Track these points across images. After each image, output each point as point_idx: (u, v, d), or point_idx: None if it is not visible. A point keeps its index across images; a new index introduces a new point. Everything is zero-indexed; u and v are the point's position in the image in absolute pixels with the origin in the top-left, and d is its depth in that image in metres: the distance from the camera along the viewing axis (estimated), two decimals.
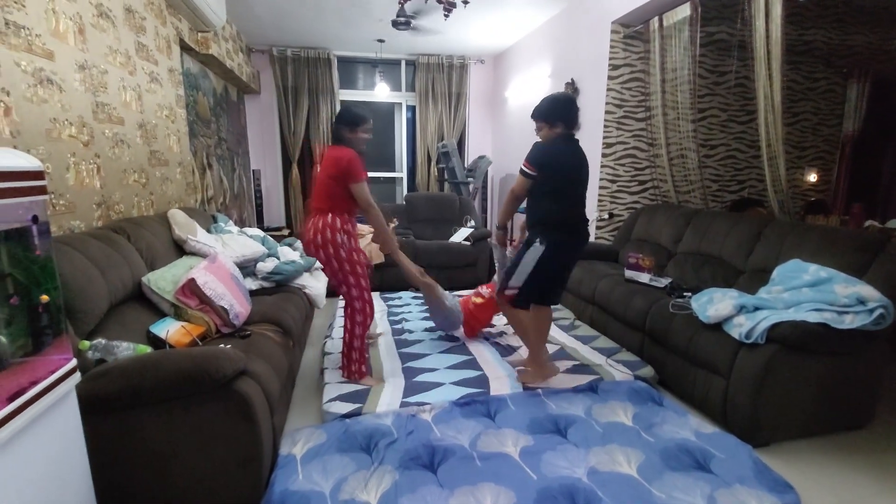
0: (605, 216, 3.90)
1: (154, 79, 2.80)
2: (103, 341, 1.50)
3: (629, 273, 2.98)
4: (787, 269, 2.23)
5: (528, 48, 5.08)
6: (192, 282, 1.99)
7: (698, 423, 2.02)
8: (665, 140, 3.53)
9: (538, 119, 2.20)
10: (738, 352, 1.97)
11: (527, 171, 2.14)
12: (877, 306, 1.84)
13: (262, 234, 3.16)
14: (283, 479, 1.61)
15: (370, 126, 2.27)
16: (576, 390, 2.26)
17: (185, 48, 3.39)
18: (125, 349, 1.52)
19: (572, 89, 4.07)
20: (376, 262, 2.74)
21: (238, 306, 2.11)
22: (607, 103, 3.66)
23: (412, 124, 6.18)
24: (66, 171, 1.93)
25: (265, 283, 2.71)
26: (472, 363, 2.53)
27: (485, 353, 2.66)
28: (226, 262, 2.35)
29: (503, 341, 2.86)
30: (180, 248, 2.43)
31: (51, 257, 1.06)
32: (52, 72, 1.85)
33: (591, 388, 2.27)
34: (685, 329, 2.26)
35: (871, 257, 2.09)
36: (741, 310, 2.08)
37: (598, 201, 3.84)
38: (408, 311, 3.47)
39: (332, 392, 2.19)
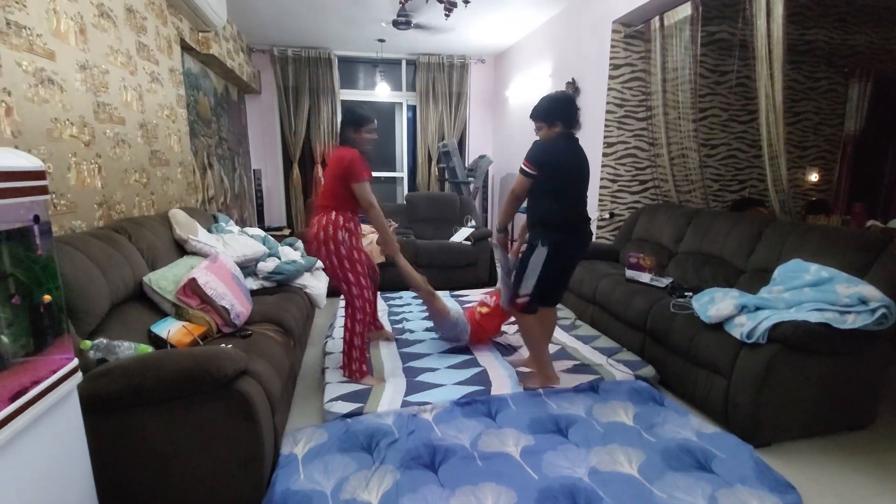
0: (606, 216, 3.89)
1: (155, 79, 2.80)
2: (105, 341, 1.50)
3: (630, 273, 2.97)
4: (789, 268, 2.23)
5: (528, 48, 5.07)
6: (193, 281, 1.99)
7: (699, 423, 2.01)
8: (666, 140, 3.53)
9: (537, 119, 2.19)
10: (739, 352, 1.97)
11: (527, 171, 2.11)
12: (879, 306, 1.84)
13: (262, 233, 3.16)
14: (284, 478, 1.61)
15: (374, 126, 2.29)
16: (577, 390, 2.26)
17: (185, 48, 3.40)
18: (126, 349, 1.52)
19: (573, 89, 4.07)
20: (377, 261, 2.74)
21: (239, 306, 2.11)
22: (608, 103, 3.66)
23: (413, 124, 6.18)
24: (68, 171, 1.93)
25: (266, 283, 2.72)
26: (472, 363, 2.53)
27: (485, 353, 2.66)
28: (227, 261, 2.35)
29: (503, 341, 2.86)
30: (181, 248, 2.43)
31: (52, 257, 1.06)
32: (54, 72, 1.86)
33: (591, 388, 2.27)
34: (686, 329, 2.26)
35: (873, 257, 2.09)
36: (742, 309, 2.07)
37: (599, 201, 3.84)
38: (408, 311, 3.47)
39: (333, 392, 2.19)
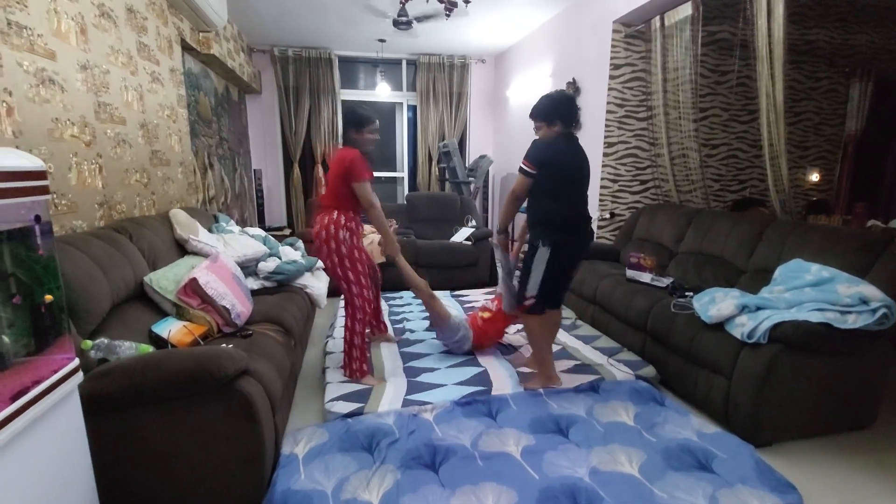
0: (607, 216, 3.89)
1: (156, 79, 2.81)
2: (105, 341, 1.50)
3: (631, 273, 2.97)
4: (789, 268, 2.23)
5: (529, 48, 5.07)
6: (193, 281, 1.99)
7: (700, 422, 2.01)
8: (666, 139, 3.53)
9: (537, 118, 2.18)
10: (740, 352, 1.97)
11: (527, 170, 2.10)
12: (880, 306, 1.84)
13: (263, 233, 3.16)
14: (285, 478, 1.61)
15: (376, 127, 2.31)
16: (577, 390, 2.25)
17: (186, 48, 3.40)
18: (127, 349, 1.52)
19: (574, 89, 4.07)
20: (378, 261, 2.74)
21: (240, 306, 2.11)
22: (609, 103, 3.66)
23: (413, 124, 6.18)
24: (69, 171, 1.93)
25: (267, 283, 2.72)
26: (473, 363, 2.53)
27: (486, 354, 2.65)
28: (227, 261, 2.35)
29: (504, 340, 2.86)
30: (182, 248, 2.44)
31: (53, 257, 1.06)
32: (55, 72, 1.86)
33: (592, 388, 2.27)
34: (687, 329, 2.25)
35: (874, 257, 2.08)
36: (743, 309, 2.07)
37: (600, 201, 3.84)
38: (409, 311, 3.47)
39: (333, 391, 2.20)
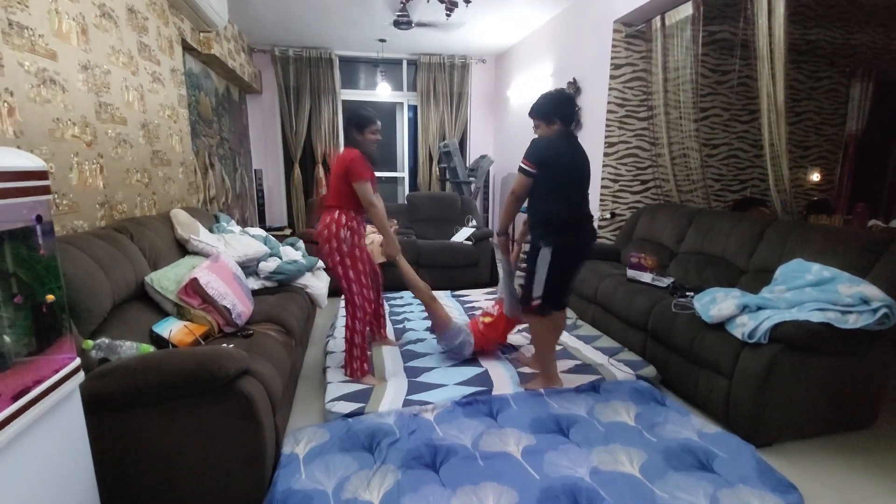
0: (608, 216, 3.89)
1: (156, 79, 2.81)
2: (107, 340, 1.51)
3: (631, 273, 2.97)
4: (790, 268, 2.23)
5: (529, 48, 5.07)
6: (194, 281, 1.99)
7: (701, 422, 2.01)
8: (667, 139, 3.53)
9: (536, 117, 2.18)
10: (740, 351, 1.97)
11: (526, 169, 2.08)
12: (880, 306, 1.84)
13: (264, 233, 3.16)
14: (285, 478, 1.61)
15: (377, 127, 2.32)
16: (578, 390, 2.25)
17: (187, 48, 3.40)
18: (128, 348, 1.52)
19: (574, 89, 4.07)
20: (378, 261, 2.74)
21: (240, 306, 2.12)
22: (609, 102, 3.66)
23: (414, 124, 6.18)
24: (70, 171, 1.93)
25: (267, 283, 2.72)
26: (474, 363, 2.53)
27: (487, 354, 2.66)
28: (228, 261, 2.35)
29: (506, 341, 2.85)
30: (183, 248, 2.44)
31: (55, 257, 1.07)
32: (56, 72, 1.86)
33: (593, 388, 2.27)
34: (688, 329, 2.25)
35: (875, 257, 2.08)
36: (744, 309, 2.07)
37: (600, 201, 3.84)
38: (409, 311, 3.47)
39: (334, 391, 2.20)
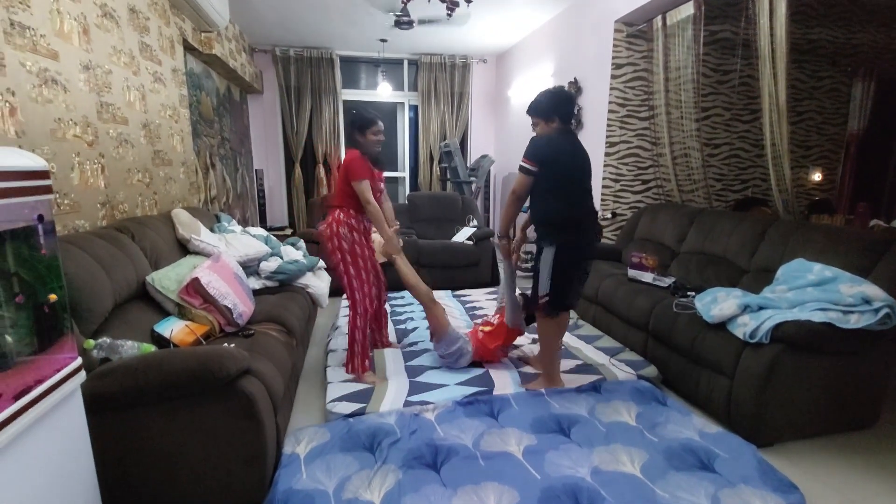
0: (609, 215, 3.89)
1: (158, 79, 2.81)
2: (108, 340, 1.51)
3: (632, 272, 2.97)
4: (792, 268, 2.22)
5: (530, 47, 5.07)
6: (195, 281, 2.00)
7: (702, 422, 2.01)
8: (668, 139, 3.52)
9: (534, 115, 2.17)
10: (742, 351, 1.97)
11: (527, 168, 2.07)
12: (882, 306, 1.83)
13: (265, 233, 3.16)
14: (286, 477, 1.61)
15: (379, 128, 2.34)
16: (579, 390, 2.25)
17: (188, 48, 3.40)
18: (130, 348, 1.52)
19: (575, 88, 4.07)
20: (379, 261, 2.74)
21: (241, 305, 2.12)
22: (610, 102, 3.65)
23: (415, 124, 6.18)
24: (71, 170, 1.93)
25: (268, 283, 2.72)
26: (475, 363, 2.52)
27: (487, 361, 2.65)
28: (229, 261, 2.35)
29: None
30: (184, 248, 2.44)
31: (56, 256, 1.07)
32: (57, 72, 1.86)
33: (594, 388, 2.27)
34: (689, 329, 2.25)
35: (877, 257, 2.08)
36: (745, 309, 2.07)
37: (602, 200, 3.84)
38: (410, 311, 3.47)
39: (335, 391, 2.20)
